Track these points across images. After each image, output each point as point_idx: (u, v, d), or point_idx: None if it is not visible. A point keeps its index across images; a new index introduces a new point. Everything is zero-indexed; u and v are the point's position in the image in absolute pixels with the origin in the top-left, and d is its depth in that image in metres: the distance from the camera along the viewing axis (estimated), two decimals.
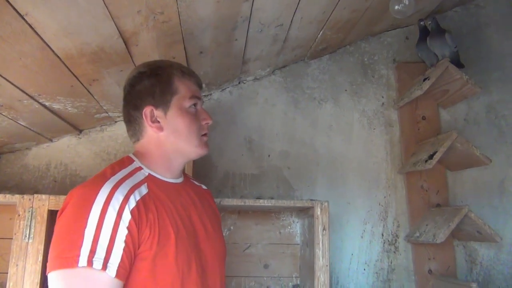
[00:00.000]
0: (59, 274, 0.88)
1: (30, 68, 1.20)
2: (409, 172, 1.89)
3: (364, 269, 1.85)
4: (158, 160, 1.11)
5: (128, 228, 0.92)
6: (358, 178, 1.92)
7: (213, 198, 1.34)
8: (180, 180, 1.16)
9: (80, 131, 1.83)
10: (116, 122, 1.85)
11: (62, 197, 1.41)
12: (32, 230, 1.39)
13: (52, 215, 1.40)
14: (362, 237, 1.87)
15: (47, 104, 1.47)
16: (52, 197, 1.42)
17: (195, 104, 1.14)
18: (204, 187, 1.33)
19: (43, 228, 1.39)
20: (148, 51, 1.36)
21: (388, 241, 1.87)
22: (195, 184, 1.29)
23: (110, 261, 0.89)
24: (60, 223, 0.94)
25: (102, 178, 0.99)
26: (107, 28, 1.14)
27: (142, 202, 0.98)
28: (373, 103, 2.00)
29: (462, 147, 1.71)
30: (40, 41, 1.08)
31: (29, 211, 1.40)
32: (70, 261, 0.87)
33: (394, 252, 1.87)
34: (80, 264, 0.86)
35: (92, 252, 0.88)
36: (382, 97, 2.01)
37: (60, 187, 1.77)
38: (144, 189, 1.01)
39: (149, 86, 1.10)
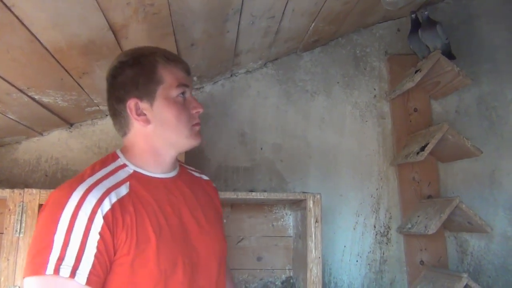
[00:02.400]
0: (30, 281, 0.87)
1: (18, 61, 1.19)
2: (401, 164, 1.90)
3: (357, 261, 1.86)
4: (146, 155, 1.05)
5: (100, 233, 0.89)
6: (351, 170, 1.93)
7: (216, 190, 1.26)
8: (172, 174, 1.10)
9: (71, 124, 1.81)
10: (107, 115, 1.83)
11: None
12: (23, 224, 1.38)
13: None
14: (354, 229, 1.88)
15: (36, 97, 1.46)
16: (43, 191, 1.41)
17: (183, 93, 1.06)
18: (205, 177, 1.26)
19: (34, 222, 1.38)
20: (138, 43, 1.33)
21: (380, 232, 1.89)
22: (193, 175, 1.22)
23: (80, 268, 0.86)
24: (36, 226, 0.93)
25: (78, 180, 0.95)
26: (96, 20, 1.13)
27: (119, 204, 0.93)
28: (365, 95, 2.00)
29: (453, 139, 1.72)
30: (28, 33, 1.07)
31: (20, 206, 1.39)
32: (40, 268, 0.85)
33: (386, 244, 1.88)
34: (47, 272, 0.84)
35: (60, 259, 0.85)
36: (374, 89, 2.01)
37: (51, 181, 1.76)
38: (124, 190, 0.97)
39: (131, 76, 1.04)
